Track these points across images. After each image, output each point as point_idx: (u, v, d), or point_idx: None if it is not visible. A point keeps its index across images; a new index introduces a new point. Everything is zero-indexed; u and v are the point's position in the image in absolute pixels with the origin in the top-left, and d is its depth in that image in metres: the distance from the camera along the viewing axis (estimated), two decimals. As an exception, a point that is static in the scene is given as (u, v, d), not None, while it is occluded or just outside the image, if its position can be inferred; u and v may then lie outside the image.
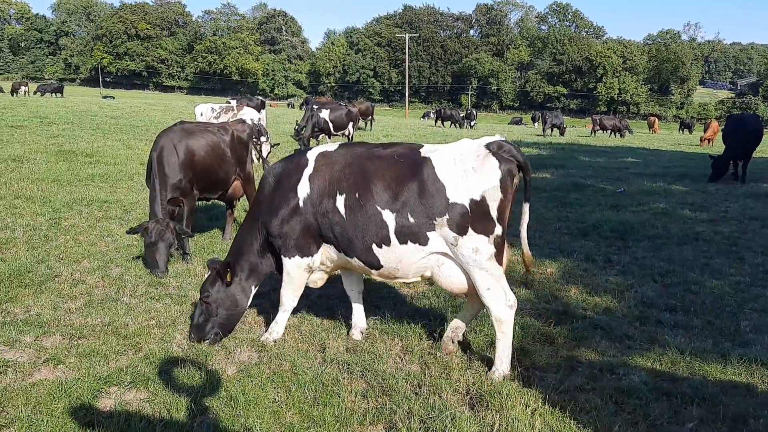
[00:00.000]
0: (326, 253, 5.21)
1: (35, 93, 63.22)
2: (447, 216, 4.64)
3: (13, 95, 58.88)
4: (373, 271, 5.07)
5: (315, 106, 24.07)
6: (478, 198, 4.62)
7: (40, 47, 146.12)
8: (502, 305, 4.72)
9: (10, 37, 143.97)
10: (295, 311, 5.93)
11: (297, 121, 26.35)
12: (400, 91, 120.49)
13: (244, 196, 9.10)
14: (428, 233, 4.74)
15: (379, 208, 4.78)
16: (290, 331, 5.64)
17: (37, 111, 32.71)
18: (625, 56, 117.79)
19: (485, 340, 5.46)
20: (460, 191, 4.63)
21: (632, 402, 4.47)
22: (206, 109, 17.96)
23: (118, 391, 4.45)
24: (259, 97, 34.81)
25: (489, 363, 4.99)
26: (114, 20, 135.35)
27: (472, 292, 4.89)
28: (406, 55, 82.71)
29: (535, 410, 4.28)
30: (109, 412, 4.13)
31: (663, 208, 11.75)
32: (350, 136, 23.29)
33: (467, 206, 4.62)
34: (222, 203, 9.35)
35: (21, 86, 64.48)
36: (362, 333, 5.60)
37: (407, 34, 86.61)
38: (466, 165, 4.67)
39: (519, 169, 4.77)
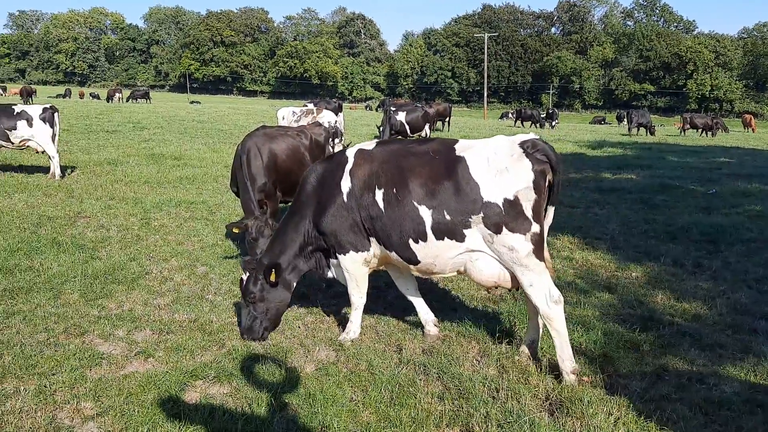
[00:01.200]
0: (372, 247, 5.27)
1: (127, 100, 66.88)
2: (482, 214, 4.67)
3: (108, 102, 62.51)
4: (411, 266, 5.14)
5: (393, 108, 24.22)
6: (511, 198, 4.64)
7: (133, 56, 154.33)
8: (547, 301, 4.69)
9: (106, 46, 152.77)
10: (371, 312, 5.99)
11: (377, 124, 26.59)
12: (478, 92, 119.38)
13: None
14: (464, 230, 4.78)
15: (415, 204, 4.86)
16: (367, 331, 5.69)
17: (130, 116, 34.50)
18: (717, 51, 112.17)
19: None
20: (493, 191, 4.66)
21: (723, 414, 4.24)
22: (288, 113, 18.40)
23: (203, 385, 4.62)
24: (336, 100, 35.33)
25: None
26: (201, 28, 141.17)
27: (507, 285, 4.90)
28: (485, 55, 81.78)
29: (618, 419, 4.13)
30: (194, 405, 4.30)
31: (759, 210, 11.09)
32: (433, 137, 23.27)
33: (501, 206, 4.64)
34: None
35: (115, 93, 68.44)
36: (436, 325, 5.60)
37: (486, 34, 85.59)
38: (500, 165, 4.69)
39: (551, 169, 4.73)
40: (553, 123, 46.42)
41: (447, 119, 36.70)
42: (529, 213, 4.64)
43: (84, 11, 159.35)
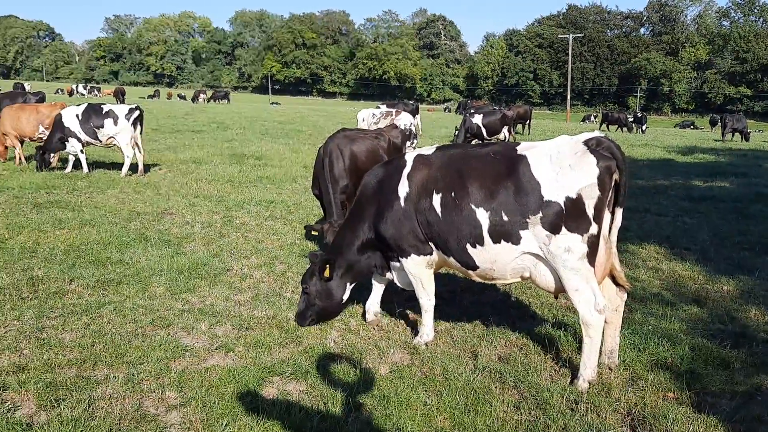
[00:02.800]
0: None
1: (208, 101, 69.75)
2: (541, 214, 4.55)
3: (193, 102, 65.29)
4: (470, 271, 5.09)
5: (472, 110, 23.99)
6: (574, 196, 4.48)
7: (218, 58, 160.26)
8: (590, 308, 4.57)
9: (194, 49, 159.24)
10: (446, 316, 5.95)
11: (456, 126, 26.44)
12: (561, 94, 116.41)
13: None
14: (521, 232, 4.66)
15: (473, 206, 4.80)
16: (442, 335, 5.64)
17: (215, 117, 35.78)
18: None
19: (650, 359, 5.10)
20: (555, 189, 4.52)
21: (825, 442, 3.95)
22: (367, 115, 18.61)
23: (280, 381, 4.70)
24: (412, 102, 35.38)
25: (655, 383, 4.67)
26: (283, 31, 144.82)
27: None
28: (569, 57, 79.66)
29: (707, 440, 3.92)
30: (272, 400, 4.38)
31: None
32: (506, 141, 22.88)
33: (562, 204, 4.50)
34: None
35: (200, 94, 71.51)
36: (376, 315, 5.91)
37: (571, 35, 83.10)
38: (563, 162, 4.55)
39: (617, 168, 4.56)
40: (643, 127, 44.65)
41: (528, 122, 36.13)
42: (590, 212, 4.51)
43: (174, 15, 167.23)
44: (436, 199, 4.96)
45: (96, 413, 4.12)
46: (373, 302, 5.99)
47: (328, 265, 5.49)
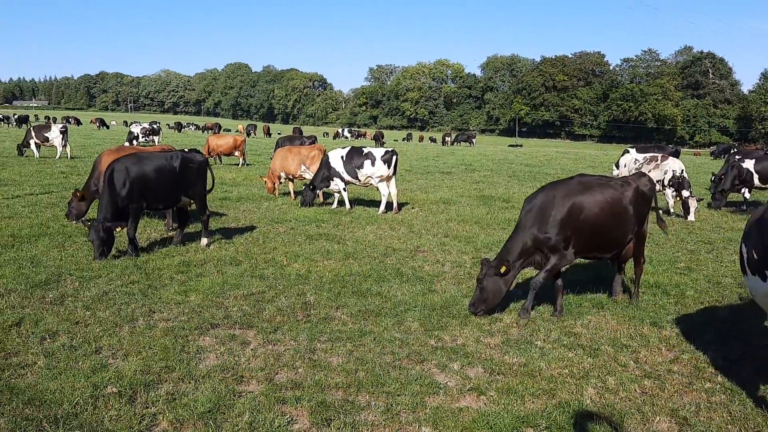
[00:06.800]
0: None
1: (452, 143, 72.84)
2: None
3: (443, 145, 68.49)
4: None
5: (738, 155, 21.45)
6: None
7: (468, 102, 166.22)
8: None
9: (446, 94, 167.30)
10: (721, 386, 5.28)
11: (713, 171, 23.85)
12: None
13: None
14: None
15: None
16: (717, 409, 5.01)
17: (463, 159, 36.90)
18: None
19: None
20: None
21: None
22: (629, 160, 17.70)
23: (533, 434, 4.55)
24: (671, 145, 32.75)
25: None
26: (534, 74, 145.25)
27: None
28: None
29: None
30: (526, 453, 4.25)
31: None
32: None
33: None
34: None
35: (446, 137, 74.99)
36: None
37: None
38: None
39: None
40: None
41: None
42: None
43: (429, 63, 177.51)
44: None
45: (358, 438, 4.37)
46: None
47: None
